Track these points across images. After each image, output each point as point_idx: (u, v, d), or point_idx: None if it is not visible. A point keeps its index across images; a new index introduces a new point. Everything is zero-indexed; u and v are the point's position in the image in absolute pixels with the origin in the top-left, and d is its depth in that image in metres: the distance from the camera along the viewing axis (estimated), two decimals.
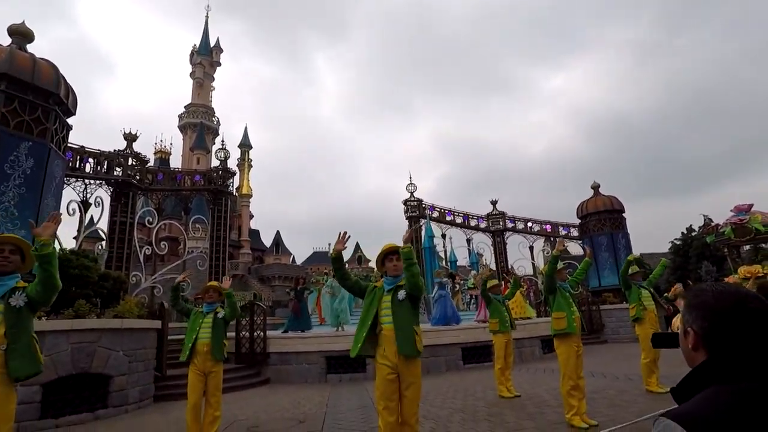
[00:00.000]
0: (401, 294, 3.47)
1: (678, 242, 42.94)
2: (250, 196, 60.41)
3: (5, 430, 2.68)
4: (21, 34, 9.04)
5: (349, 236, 3.69)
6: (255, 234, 61.23)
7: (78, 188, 14.69)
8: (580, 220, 21.75)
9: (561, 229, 24.12)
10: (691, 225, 42.23)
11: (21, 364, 2.70)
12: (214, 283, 5.33)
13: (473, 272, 20.86)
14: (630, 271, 7.13)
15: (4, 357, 2.66)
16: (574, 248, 24.96)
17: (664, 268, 7.47)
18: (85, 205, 14.25)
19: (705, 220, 36.58)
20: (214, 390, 4.85)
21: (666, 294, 11.84)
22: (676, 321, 11.03)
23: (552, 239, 25.51)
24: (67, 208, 12.85)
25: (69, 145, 10.93)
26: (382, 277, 3.73)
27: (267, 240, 62.44)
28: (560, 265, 5.59)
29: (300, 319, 11.88)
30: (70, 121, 9.48)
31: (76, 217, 13.53)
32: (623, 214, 20.78)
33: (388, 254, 3.62)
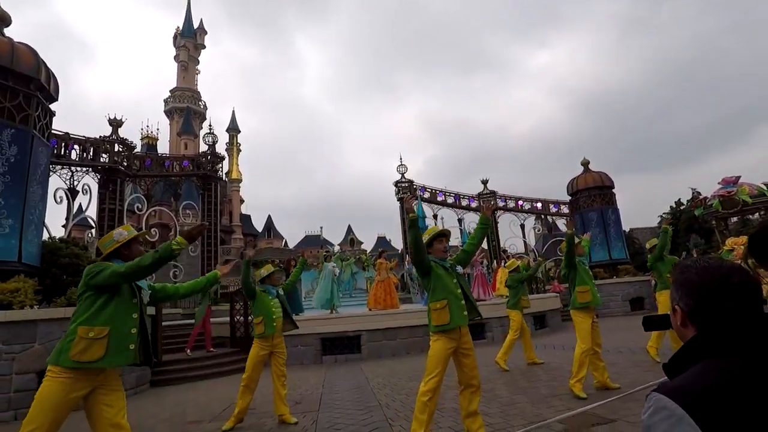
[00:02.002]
0: (460, 269, 3.78)
1: (667, 216, 43.55)
2: (240, 180, 59.91)
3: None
4: None
5: (418, 200, 3.76)
6: (246, 219, 60.96)
7: (64, 176, 14.45)
8: (570, 197, 21.90)
9: (552, 206, 24.27)
10: (680, 198, 42.84)
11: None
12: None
13: None
14: (648, 245, 7.12)
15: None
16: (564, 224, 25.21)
17: (667, 234, 6.90)
18: (72, 192, 14.05)
19: (693, 193, 37.15)
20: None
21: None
22: None
23: (543, 217, 25.73)
24: (54, 195, 12.69)
25: (53, 131, 10.67)
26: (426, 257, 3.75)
27: (258, 224, 62.28)
28: (579, 239, 5.69)
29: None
30: (52, 107, 9.25)
31: (64, 205, 13.37)
32: (613, 190, 20.95)
33: (439, 236, 3.80)
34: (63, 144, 14.60)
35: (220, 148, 36.94)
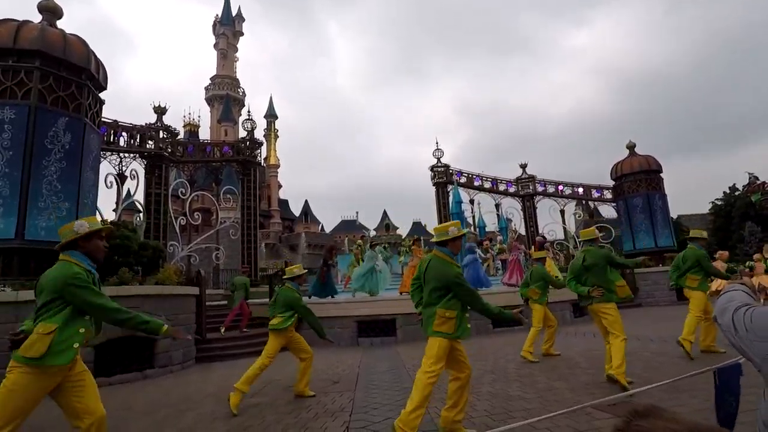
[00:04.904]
0: None
1: (719, 202, 41.05)
2: (278, 166, 61.05)
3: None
4: (50, 11, 9.16)
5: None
6: (284, 204, 62.25)
7: (114, 161, 15.17)
8: (614, 182, 21.03)
9: (594, 191, 23.40)
10: (734, 184, 40.26)
11: None
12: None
13: (500, 237, 20.71)
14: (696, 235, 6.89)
15: None
16: (607, 210, 24.29)
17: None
18: (121, 177, 14.74)
19: (750, 177, 34.81)
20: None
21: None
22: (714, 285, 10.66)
23: (584, 202, 24.86)
24: (105, 180, 13.36)
25: (103, 119, 11.19)
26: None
27: (296, 209, 63.48)
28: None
29: (325, 285, 12.14)
30: (101, 95, 9.67)
31: (114, 189, 14.06)
32: (660, 174, 19.93)
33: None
34: (112, 131, 15.30)
35: (258, 134, 37.72)
